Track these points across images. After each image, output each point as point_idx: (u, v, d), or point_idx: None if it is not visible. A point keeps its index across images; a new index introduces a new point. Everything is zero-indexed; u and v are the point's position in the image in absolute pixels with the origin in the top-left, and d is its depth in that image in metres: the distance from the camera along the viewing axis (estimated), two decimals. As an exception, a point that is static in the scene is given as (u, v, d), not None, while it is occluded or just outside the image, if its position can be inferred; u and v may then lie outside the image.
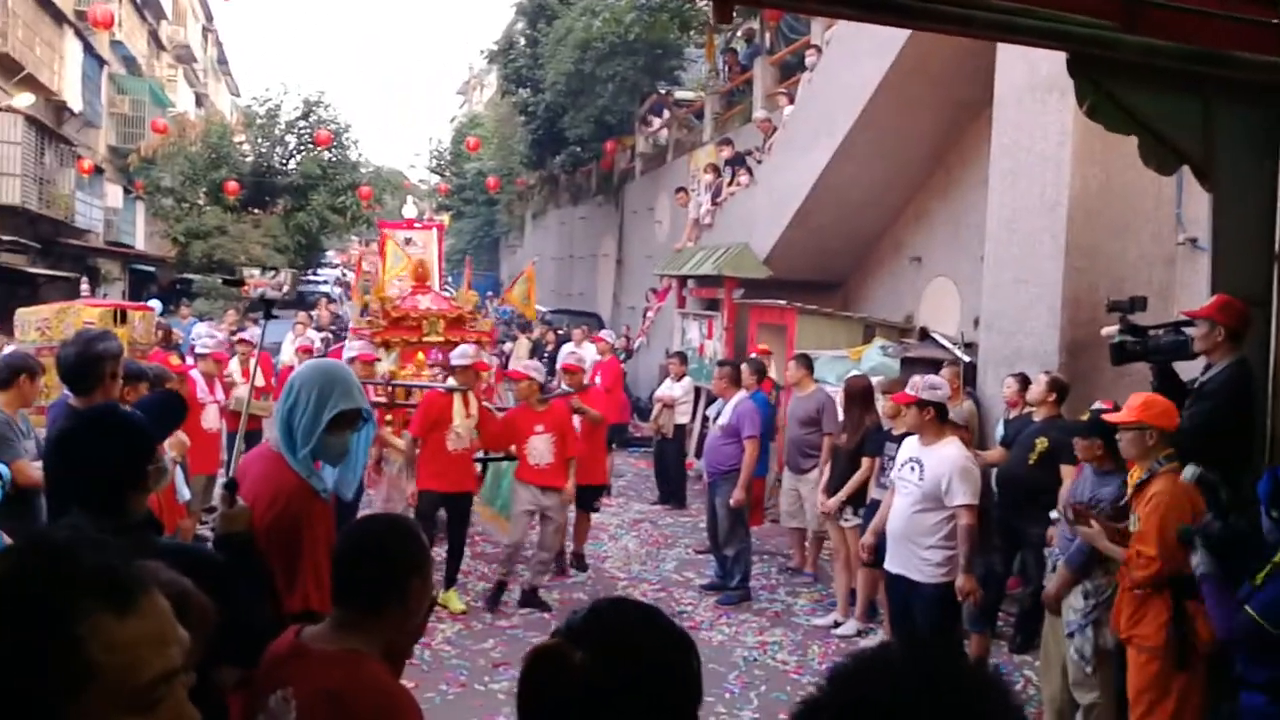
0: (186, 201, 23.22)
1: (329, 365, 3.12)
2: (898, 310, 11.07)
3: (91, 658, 0.96)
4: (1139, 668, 3.87)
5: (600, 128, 19.34)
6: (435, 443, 6.56)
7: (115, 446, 2.28)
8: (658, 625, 1.33)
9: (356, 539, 2.10)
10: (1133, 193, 6.63)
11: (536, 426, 6.73)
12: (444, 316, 8.34)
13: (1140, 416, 3.89)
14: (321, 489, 2.83)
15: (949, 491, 4.77)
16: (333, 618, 2.04)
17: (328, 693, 1.86)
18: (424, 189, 39.11)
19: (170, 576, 1.59)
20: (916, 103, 9.56)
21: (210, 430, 7.36)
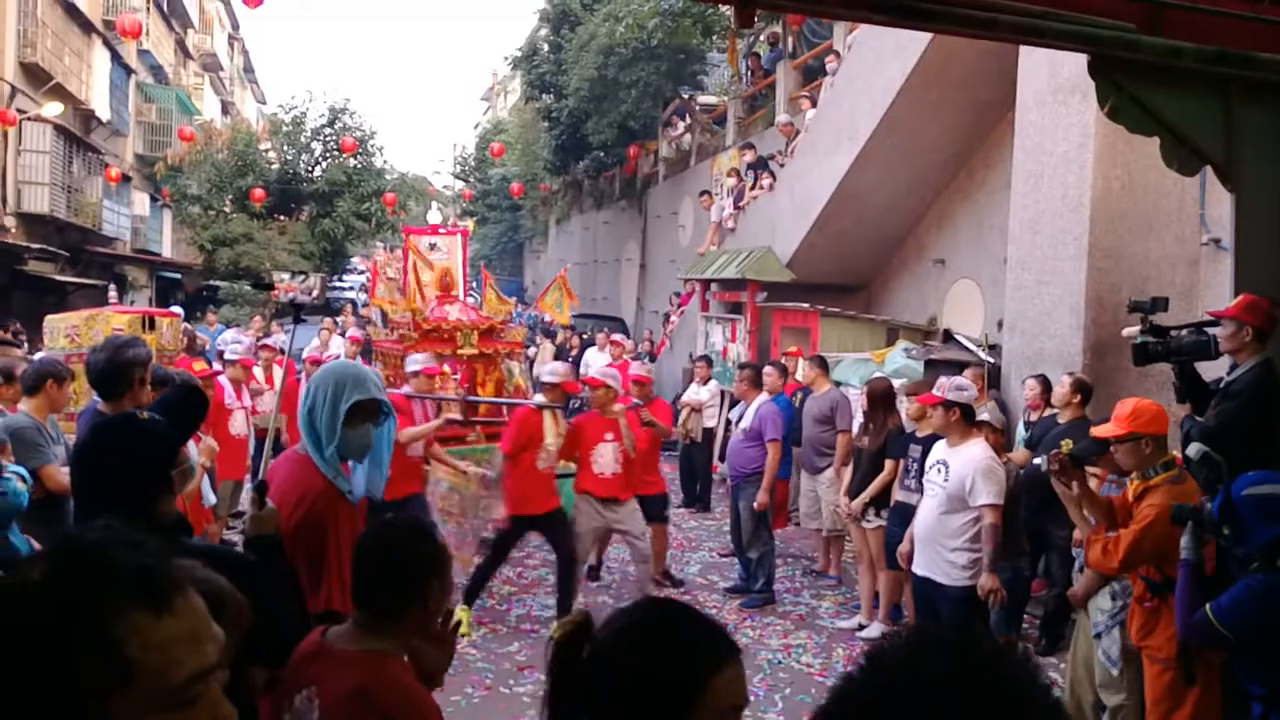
0: (213, 209, 23.46)
1: (341, 363, 3.19)
2: (921, 313, 11.04)
3: (129, 657, 0.96)
4: (1154, 678, 3.83)
5: (623, 133, 19.41)
6: (526, 462, 6.28)
7: (135, 456, 2.32)
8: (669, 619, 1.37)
9: (377, 541, 2.14)
10: (1156, 194, 6.59)
11: (606, 434, 6.45)
12: (476, 328, 8.11)
13: (1132, 428, 3.82)
14: (347, 490, 2.88)
15: (972, 491, 4.75)
16: (355, 619, 2.08)
17: (353, 690, 1.90)
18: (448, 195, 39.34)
19: (206, 574, 1.62)
20: (938, 106, 9.54)
21: (238, 436, 7.44)
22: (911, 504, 6.13)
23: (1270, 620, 2.95)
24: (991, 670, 0.80)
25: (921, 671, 0.80)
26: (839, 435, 7.57)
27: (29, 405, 4.48)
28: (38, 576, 0.98)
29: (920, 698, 0.77)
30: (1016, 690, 0.79)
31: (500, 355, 8.24)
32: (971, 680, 0.78)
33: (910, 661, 0.82)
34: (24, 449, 4.20)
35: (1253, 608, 3.00)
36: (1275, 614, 2.94)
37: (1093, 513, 4.05)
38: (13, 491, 3.80)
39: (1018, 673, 0.81)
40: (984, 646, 0.83)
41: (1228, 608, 3.05)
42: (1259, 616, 2.98)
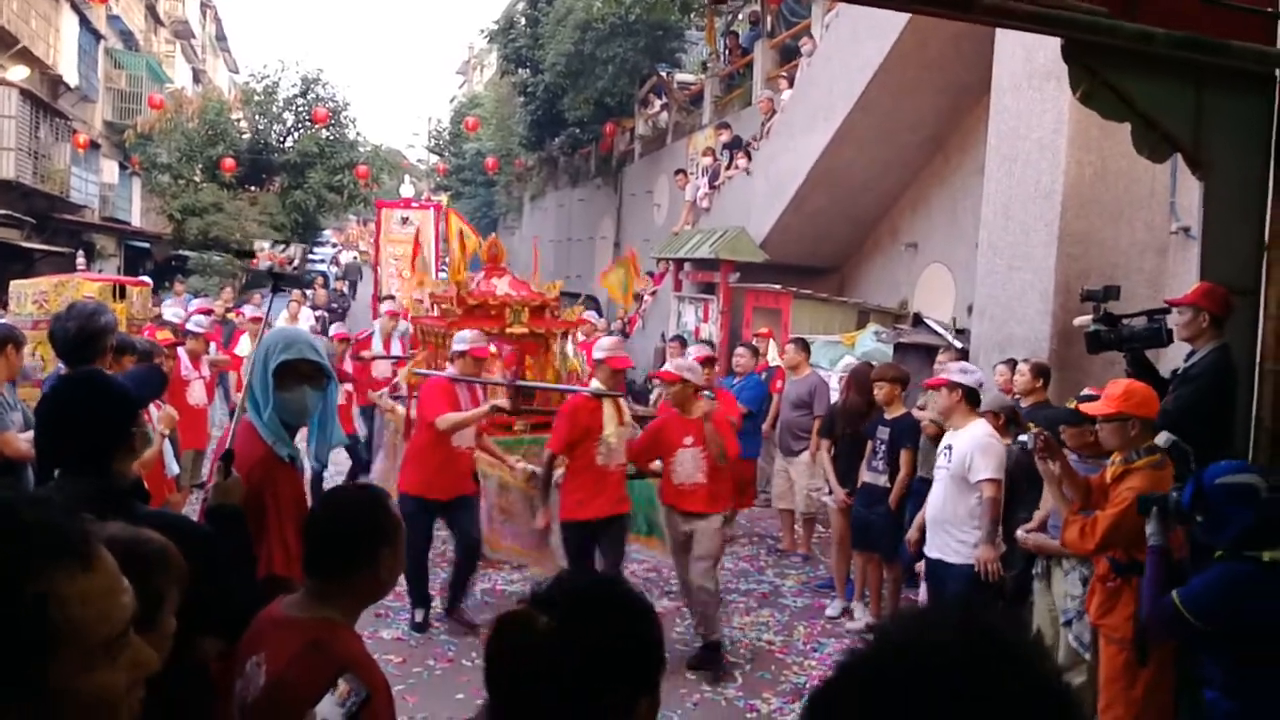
0: (183, 178, 23.11)
1: (277, 328, 3.20)
2: (893, 296, 11.08)
3: (59, 617, 0.96)
4: (1108, 657, 3.89)
5: (600, 109, 19.28)
6: (583, 458, 5.43)
7: (98, 411, 2.32)
8: (621, 593, 1.36)
9: (327, 509, 2.15)
10: (1128, 181, 6.63)
11: (686, 438, 5.53)
12: (527, 304, 7.25)
13: (1121, 407, 3.85)
14: (287, 455, 2.85)
15: (972, 467, 4.81)
16: (307, 587, 2.09)
17: (304, 644, 1.91)
18: (422, 169, 38.99)
19: (138, 532, 1.62)
20: (915, 87, 9.54)
21: (197, 406, 7.37)
22: (879, 485, 6.18)
23: (1236, 607, 2.98)
24: (997, 642, 0.79)
25: (927, 644, 0.79)
26: (815, 420, 7.61)
27: (-16, 371, 4.39)
28: None
29: (926, 669, 0.76)
30: (1022, 662, 0.78)
31: (553, 336, 7.44)
32: (977, 652, 0.77)
33: (915, 635, 0.81)
34: (-22, 415, 4.11)
35: (1219, 595, 3.03)
36: (1241, 601, 2.98)
37: (1071, 492, 4.07)
38: None
39: (1023, 645, 0.80)
40: (989, 619, 0.82)
41: (1195, 594, 3.08)
42: (1225, 603, 3.01)
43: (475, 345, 6.01)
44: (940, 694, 0.74)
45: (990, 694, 0.74)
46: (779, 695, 5.29)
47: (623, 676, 1.26)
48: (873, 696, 0.77)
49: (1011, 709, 0.74)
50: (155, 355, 5.66)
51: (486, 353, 6.20)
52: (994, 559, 4.77)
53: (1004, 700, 0.74)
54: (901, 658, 0.79)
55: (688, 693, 5.23)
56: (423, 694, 4.97)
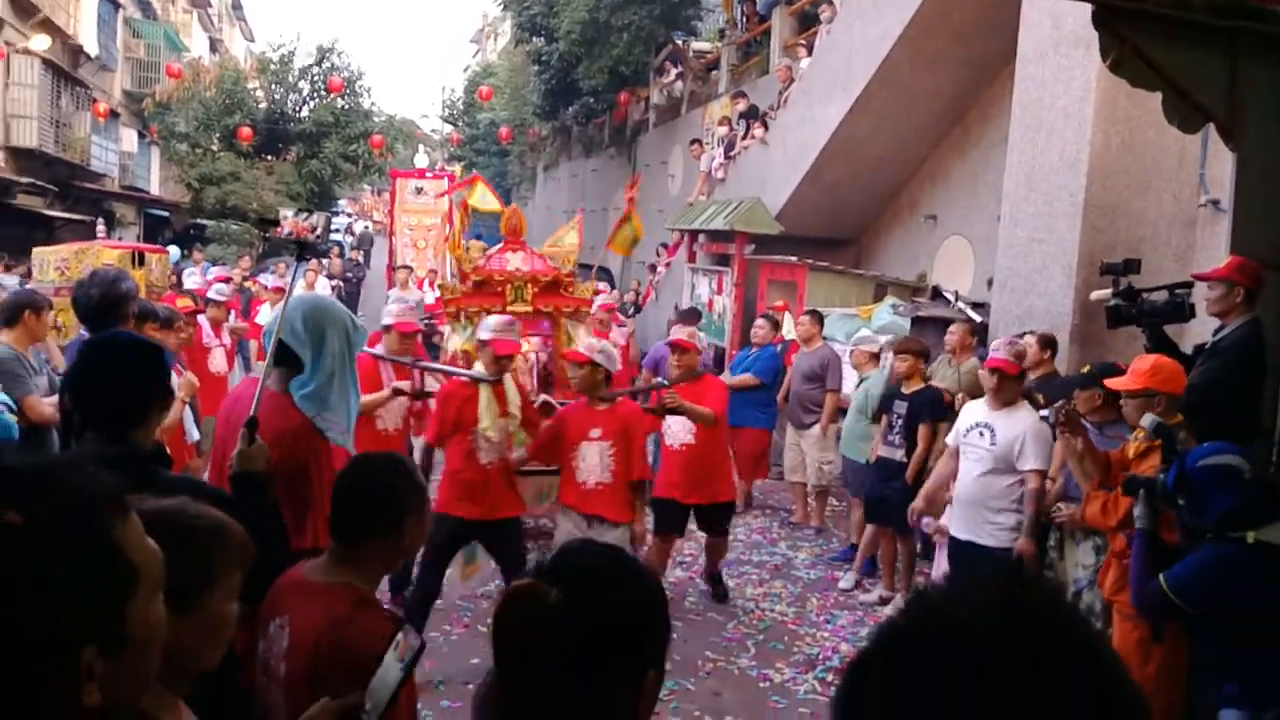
0: (200, 147, 23.09)
1: (332, 300, 3.17)
2: (911, 269, 10.99)
3: (131, 559, 1.04)
4: (1123, 634, 3.85)
5: (614, 78, 19.10)
6: (457, 452, 4.95)
7: (125, 373, 2.33)
8: (628, 566, 1.35)
9: (353, 475, 2.16)
10: (1156, 151, 6.53)
11: (592, 430, 5.06)
12: (536, 279, 6.75)
13: (1148, 383, 3.80)
14: (327, 428, 2.85)
15: (1021, 455, 4.64)
16: (329, 551, 2.11)
17: (325, 623, 1.92)
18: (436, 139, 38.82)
19: (203, 508, 1.60)
20: (936, 58, 9.40)
21: (218, 373, 7.41)
22: (895, 459, 6.15)
23: (1221, 589, 2.97)
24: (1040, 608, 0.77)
25: (968, 611, 0.76)
26: (827, 394, 7.58)
27: (8, 336, 4.42)
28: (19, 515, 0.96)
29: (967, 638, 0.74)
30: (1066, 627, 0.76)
31: (562, 314, 6.87)
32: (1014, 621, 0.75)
33: (956, 603, 0.78)
34: (5, 379, 4.15)
35: (1205, 577, 3.02)
36: (1226, 583, 2.96)
37: (1091, 467, 4.02)
38: (4, 424, 3.76)
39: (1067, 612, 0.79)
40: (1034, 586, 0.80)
41: (1181, 577, 3.07)
42: (1211, 586, 3.00)
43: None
44: (971, 665, 0.72)
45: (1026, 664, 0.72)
46: (791, 666, 5.31)
47: (630, 649, 1.25)
48: (904, 667, 0.75)
49: (1049, 679, 0.71)
50: (175, 323, 5.68)
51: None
52: (1033, 552, 4.62)
53: (1041, 670, 0.72)
54: (931, 628, 0.77)
55: (702, 663, 5.26)
56: (439, 658, 5.01)
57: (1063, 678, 0.72)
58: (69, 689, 0.95)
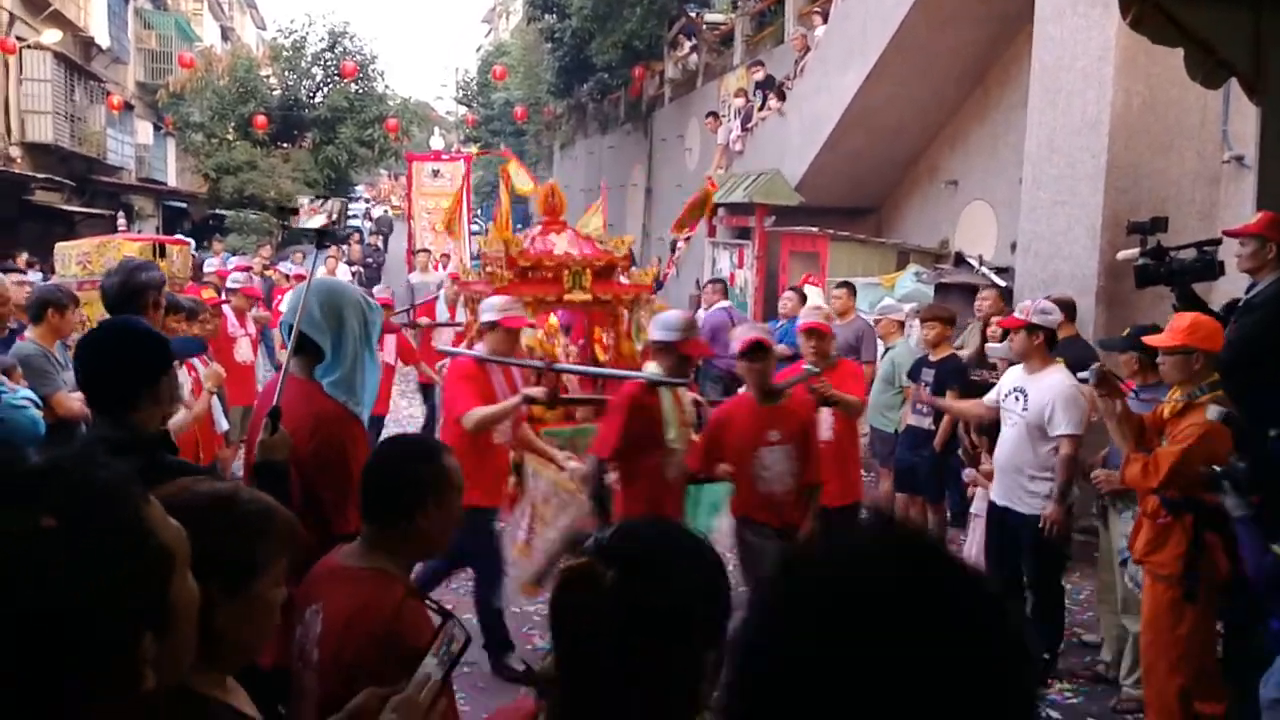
0: (216, 137, 23.20)
1: (349, 284, 3.17)
2: (933, 236, 10.90)
3: (163, 540, 1.05)
4: (1155, 595, 3.83)
5: (628, 53, 18.97)
6: (638, 469, 4.17)
7: (124, 357, 2.34)
8: (688, 544, 1.33)
9: (379, 457, 2.19)
10: (1178, 109, 6.42)
11: (771, 432, 4.31)
12: (591, 265, 6.03)
13: (1186, 340, 3.75)
14: (358, 411, 2.85)
15: (1051, 420, 4.55)
16: (362, 535, 2.12)
17: (352, 609, 1.95)
18: (451, 121, 38.79)
19: (254, 494, 1.61)
20: (953, 19, 9.27)
21: (244, 363, 7.47)
22: (923, 428, 6.12)
23: None
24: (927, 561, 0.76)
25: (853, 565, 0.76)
26: (864, 365, 7.52)
27: (35, 333, 4.48)
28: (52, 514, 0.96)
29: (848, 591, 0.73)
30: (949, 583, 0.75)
31: (623, 303, 6.19)
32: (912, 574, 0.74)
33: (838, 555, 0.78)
34: (33, 376, 4.20)
35: None
36: None
37: (1128, 430, 3.97)
38: (30, 419, 3.81)
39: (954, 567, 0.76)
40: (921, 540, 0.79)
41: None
42: None
43: (508, 314, 4.77)
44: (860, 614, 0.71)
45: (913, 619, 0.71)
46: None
47: (689, 632, 1.24)
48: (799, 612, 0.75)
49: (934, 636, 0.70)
50: (201, 314, 5.73)
51: (523, 322, 5.01)
52: (1060, 517, 4.54)
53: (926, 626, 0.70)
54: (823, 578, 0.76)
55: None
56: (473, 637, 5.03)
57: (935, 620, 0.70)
58: (131, 677, 0.98)
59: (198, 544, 1.12)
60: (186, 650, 1.13)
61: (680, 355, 4.19)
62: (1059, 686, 4.64)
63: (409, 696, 1.69)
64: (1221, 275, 4.45)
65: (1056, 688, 4.63)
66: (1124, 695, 4.42)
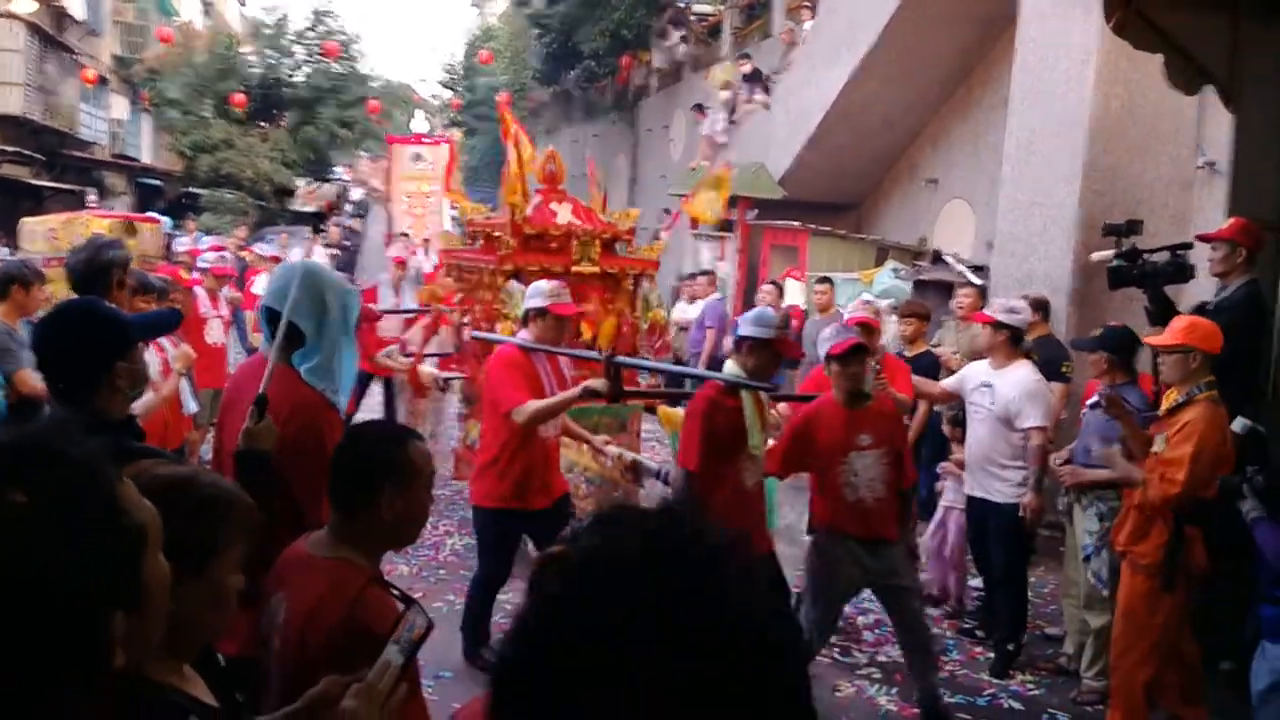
0: (193, 114, 22.89)
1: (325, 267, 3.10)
2: (912, 233, 10.95)
3: (137, 517, 1.06)
4: (1134, 585, 3.90)
5: (615, 42, 18.91)
6: (720, 478, 3.82)
7: (84, 339, 2.28)
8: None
9: (343, 442, 2.17)
10: (1155, 114, 6.48)
11: (861, 436, 4.04)
12: (597, 236, 5.71)
13: (1185, 339, 3.80)
14: (335, 400, 2.81)
15: (1020, 414, 4.67)
16: (329, 523, 2.10)
17: (315, 598, 1.93)
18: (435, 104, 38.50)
19: (216, 477, 1.60)
20: (939, 19, 9.31)
21: (215, 345, 7.38)
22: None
23: None
24: (676, 551, 0.77)
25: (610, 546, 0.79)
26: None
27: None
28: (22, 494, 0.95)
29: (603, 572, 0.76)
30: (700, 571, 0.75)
31: (628, 277, 5.88)
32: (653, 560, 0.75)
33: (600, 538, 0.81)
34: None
35: None
36: None
37: (1136, 448, 4.02)
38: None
39: (711, 559, 0.77)
40: (680, 527, 0.80)
41: None
42: None
43: (558, 300, 4.32)
44: (611, 596, 0.73)
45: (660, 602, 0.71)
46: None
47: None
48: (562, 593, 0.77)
49: (679, 619, 0.71)
50: (173, 293, 5.66)
51: (575, 310, 4.54)
52: (1039, 507, 4.67)
53: (673, 609, 0.71)
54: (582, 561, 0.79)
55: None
56: (440, 629, 5.01)
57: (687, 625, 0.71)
58: (101, 654, 0.97)
59: None
60: (156, 630, 1.13)
61: (774, 354, 3.91)
62: (1021, 678, 4.70)
63: (369, 683, 1.67)
64: (1193, 278, 4.50)
65: (1019, 679, 4.69)
66: (1084, 687, 4.50)
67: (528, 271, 5.36)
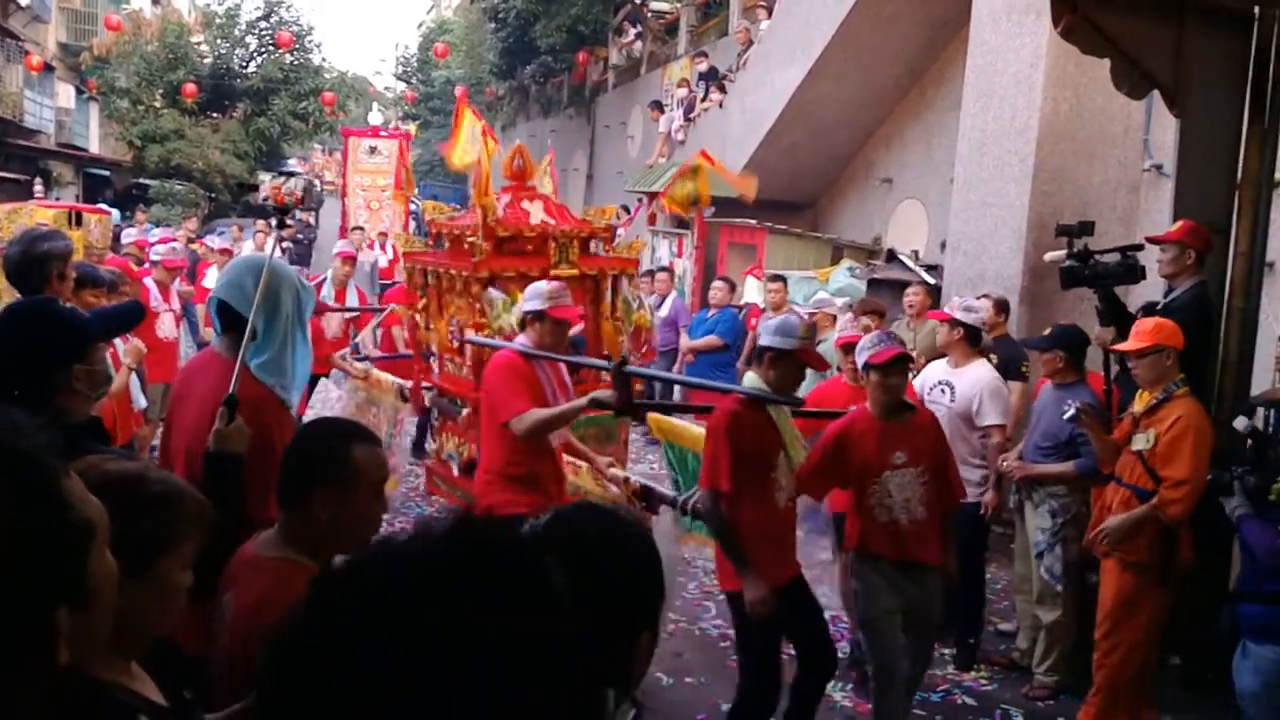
0: (142, 104, 22.43)
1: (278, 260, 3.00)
2: (866, 232, 11.08)
3: (84, 513, 1.04)
4: (1120, 583, 3.92)
5: (573, 37, 18.87)
6: (750, 497, 3.55)
7: (40, 341, 2.21)
8: (622, 530, 1.35)
9: (294, 437, 2.12)
10: (1102, 118, 6.62)
11: (896, 453, 3.72)
12: (574, 236, 5.41)
13: (1156, 339, 3.87)
14: (286, 397, 2.77)
15: (979, 412, 4.71)
16: (277, 522, 2.06)
17: (251, 601, 1.89)
18: (390, 97, 38.12)
19: (166, 475, 1.58)
20: (895, 19, 9.42)
21: (167, 339, 7.24)
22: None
23: None
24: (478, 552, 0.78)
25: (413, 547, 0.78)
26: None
27: (-64, 303, 4.28)
28: None
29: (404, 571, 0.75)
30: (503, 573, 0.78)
31: (606, 278, 5.57)
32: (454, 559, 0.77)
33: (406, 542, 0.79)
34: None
35: None
36: None
37: (1102, 454, 4.06)
38: None
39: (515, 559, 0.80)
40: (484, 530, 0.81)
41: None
42: None
43: (558, 303, 4.02)
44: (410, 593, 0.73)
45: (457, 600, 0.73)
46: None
47: (621, 616, 1.26)
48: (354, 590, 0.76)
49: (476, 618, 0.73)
50: (122, 285, 5.54)
51: (576, 313, 4.28)
52: (998, 504, 4.74)
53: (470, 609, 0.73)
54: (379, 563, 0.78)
55: (664, 624, 5.29)
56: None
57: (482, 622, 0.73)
58: (44, 650, 0.96)
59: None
60: (102, 627, 1.12)
61: (797, 365, 3.61)
62: (975, 674, 4.78)
63: None
64: (1143, 279, 4.61)
65: (973, 675, 4.76)
66: (1037, 682, 4.57)
67: (503, 277, 5.07)
